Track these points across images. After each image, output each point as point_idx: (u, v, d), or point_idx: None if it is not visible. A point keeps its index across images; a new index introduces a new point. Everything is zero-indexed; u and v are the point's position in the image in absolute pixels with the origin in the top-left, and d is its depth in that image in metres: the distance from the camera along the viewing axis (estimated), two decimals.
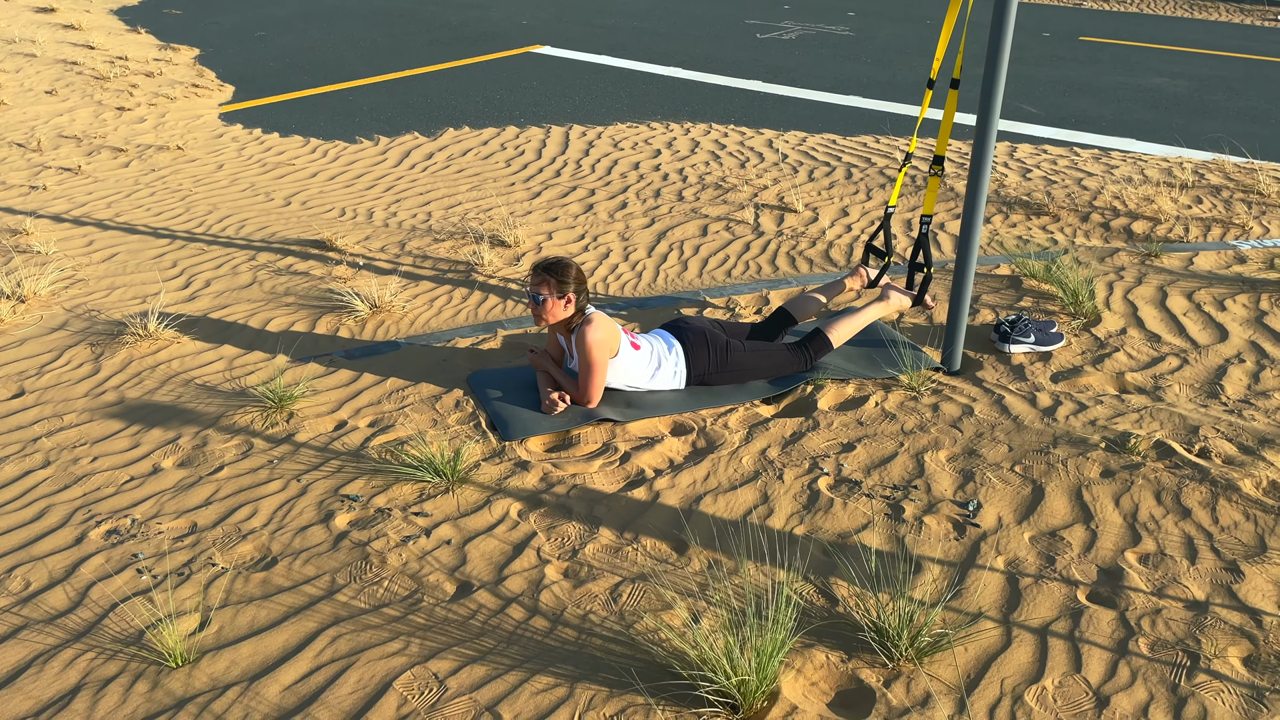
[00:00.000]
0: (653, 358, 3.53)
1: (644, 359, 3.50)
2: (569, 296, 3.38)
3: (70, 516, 2.93)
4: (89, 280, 4.63)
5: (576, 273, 3.39)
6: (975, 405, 3.43)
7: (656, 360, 3.53)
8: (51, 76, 8.53)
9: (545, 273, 3.37)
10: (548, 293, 3.37)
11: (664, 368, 3.53)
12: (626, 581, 2.62)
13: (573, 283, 3.37)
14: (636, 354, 3.48)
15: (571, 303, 3.39)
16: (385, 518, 2.90)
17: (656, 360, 3.53)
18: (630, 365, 3.48)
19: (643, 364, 3.50)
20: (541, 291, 3.38)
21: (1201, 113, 7.56)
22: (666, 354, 3.55)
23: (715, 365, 3.56)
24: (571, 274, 3.37)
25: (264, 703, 2.24)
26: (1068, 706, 2.19)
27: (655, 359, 3.53)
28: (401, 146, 6.77)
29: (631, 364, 3.48)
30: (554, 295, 3.37)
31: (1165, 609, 2.47)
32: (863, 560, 2.68)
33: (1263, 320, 4.04)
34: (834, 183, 5.96)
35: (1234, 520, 2.78)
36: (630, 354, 3.47)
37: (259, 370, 3.79)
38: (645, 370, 3.51)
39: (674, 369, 3.55)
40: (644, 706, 2.21)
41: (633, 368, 3.48)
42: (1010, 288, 4.42)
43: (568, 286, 3.36)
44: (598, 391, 3.42)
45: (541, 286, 3.38)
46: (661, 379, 3.54)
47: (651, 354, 3.53)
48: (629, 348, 3.47)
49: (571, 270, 3.38)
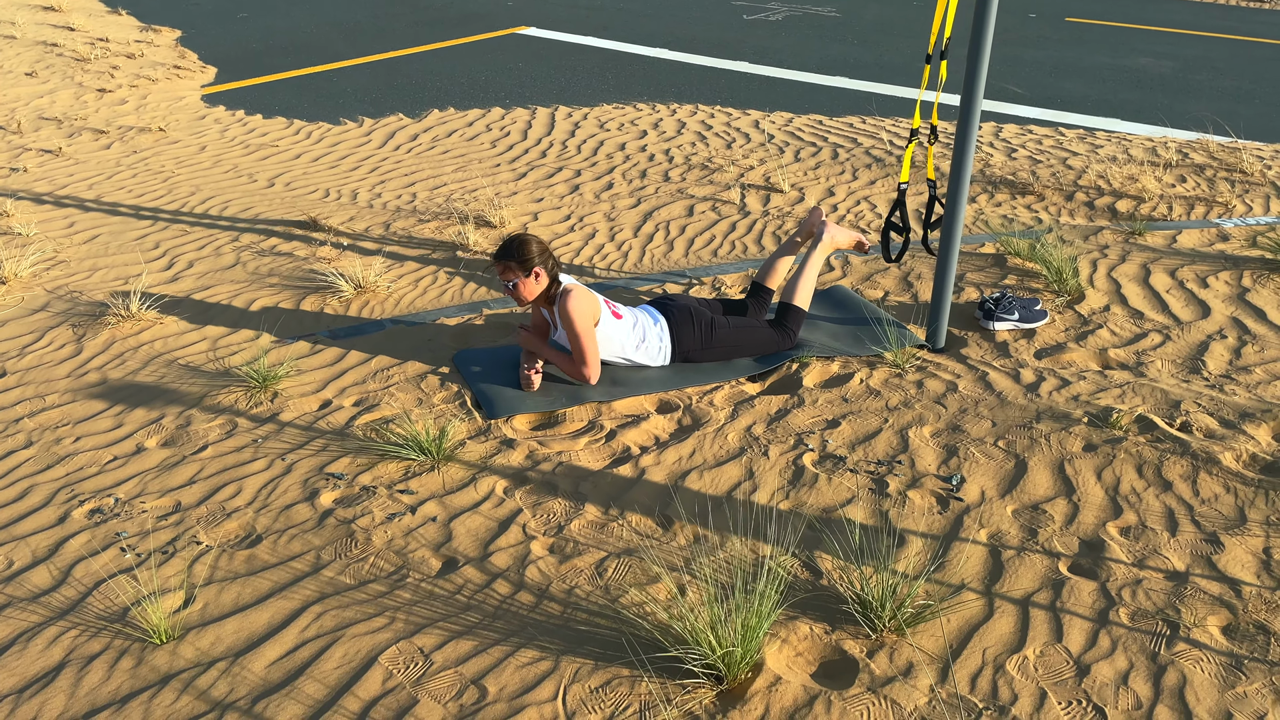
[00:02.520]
0: (636, 328, 3.52)
1: (627, 328, 3.50)
2: (536, 271, 3.36)
3: (53, 496, 2.92)
4: (70, 262, 4.59)
5: (536, 245, 3.36)
6: (959, 382, 3.44)
7: (641, 332, 3.53)
8: (31, 58, 8.44)
9: (506, 259, 3.36)
10: (515, 276, 3.36)
11: (649, 341, 3.53)
12: (612, 556, 2.63)
13: (536, 256, 3.35)
14: (619, 323, 3.48)
15: (542, 275, 3.38)
16: (370, 495, 2.89)
17: (641, 332, 3.53)
18: (613, 335, 3.47)
19: (626, 333, 3.49)
20: (509, 277, 3.37)
21: (1186, 93, 7.58)
22: (651, 327, 3.55)
23: (701, 342, 3.56)
24: (531, 249, 3.35)
25: (249, 677, 2.24)
26: (1049, 675, 2.21)
27: (640, 331, 3.53)
28: (386, 128, 6.73)
29: (614, 333, 3.47)
30: (522, 275, 3.36)
31: (1146, 580, 2.49)
32: (847, 534, 2.69)
33: (1245, 297, 4.07)
34: (820, 163, 5.95)
35: (1214, 493, 2.80)
36: (612, 322, 3.46)
37: (243, 350, 3.77)
38: (630, 340, 3.50)
39: (659, 344, 3.55)
40: (629, 678, 2.22)
41: (615, 337, 3.48)
42: (995, 266, 4.44)
43: (532, 263, 3.35)
44: (594, 359, 3.40)
45: (507, 273, 3.37)
46: (647, 353, 3.54)
47: (635, 324, 3.52)
48: (610, 316, 3.46)
49: (530, 245, 3.35)
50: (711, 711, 2.13)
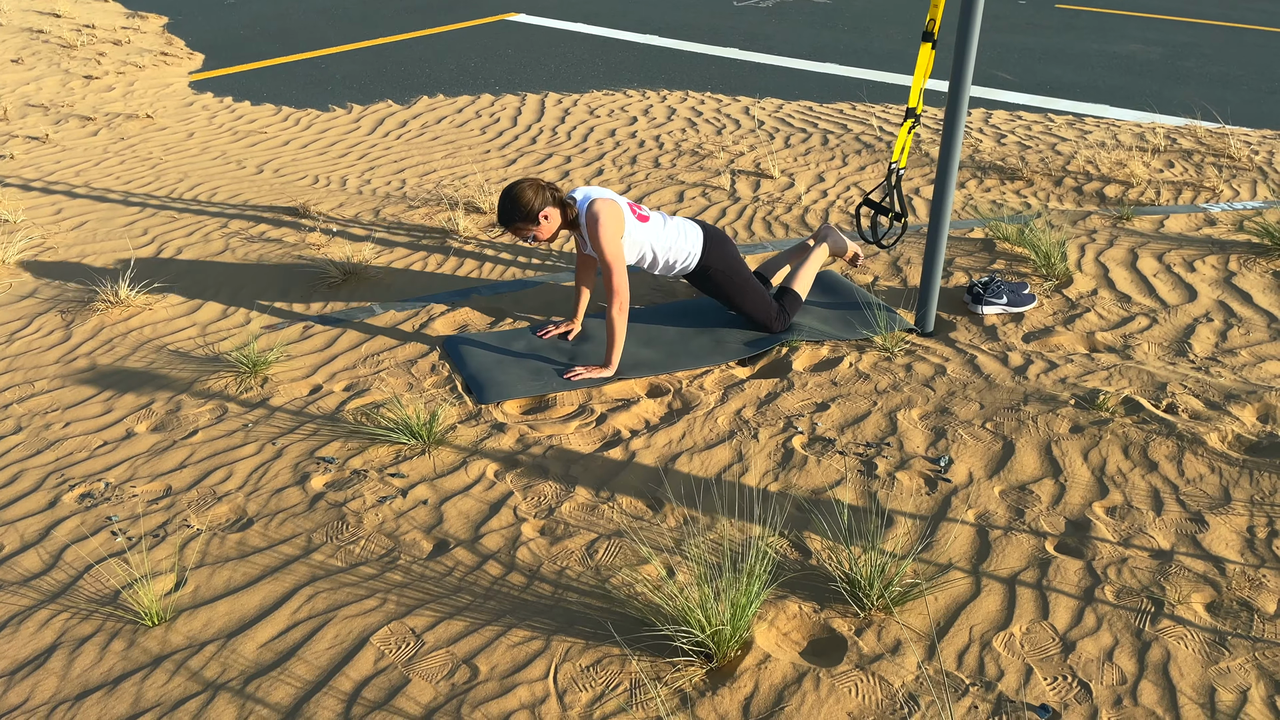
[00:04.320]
0: (667, 227, 3.52)
1: (656, 228, 3.49)
2: (545, 213, 3.37)
3: (43, 481, 2.92)
4: (59, 248, 4.57)
5: (531, 191, 3.34)
6: (948, 365, 3.46)
7: (672, 234, 3.52)
8: (17, 45, 8.37)
9: (510, 222, 3.37)
10: (528, 230, 3.38)
11: (678, 247, 3.53)
12: (603, 538, 2.64)
13: (536, 200, 3.34)
14: (645, 226, 3.47)
15: (551, 215, 3.39)
16: (361, 479, 2.90)
17: (672, 234, 3.52)
18: (643, 239, 3.47)
19: (656, 233, 3.49)
20: (524, 234, 3.40)
21: (1174, 79, 7.60)
22: (689, 230, 3.56)
23: (726, 265, 3.59)
24: (528, 197, 3.33)
25: (241, 658, 2.25)
26: (1034, 651, 2.23)
27: (671, 230, 3.53)
28: (375, 114, 6.70)
29: (641, 237, 3.46)
30: (533, 225, 3.37)
31: (1131, 558, 2.51)
32: (836, 515, 2.71)
33: (1231, 281, 4.10)
34: (810, 149, 5.96)
35: (1199, 473, 2.83)
36: (639, 227, 3.46)
37: (232, 336, 3.76)
38: (662, 240, 3.50)
39: (690, 249, 3.56)
40: (619, 657, 2.23)
41: (645, 240, 3.48)
42: (983, 251, 4.45)
43: (536, 210, 3.34)
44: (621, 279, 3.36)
45: (520, 231, 3.39)
46: (679, 252, 3.55)
47: (665, 225, 3.52)
48: (635, 221, 3.45)
49: (525, 194, 3.33)
50: (701, 689, 2.15)
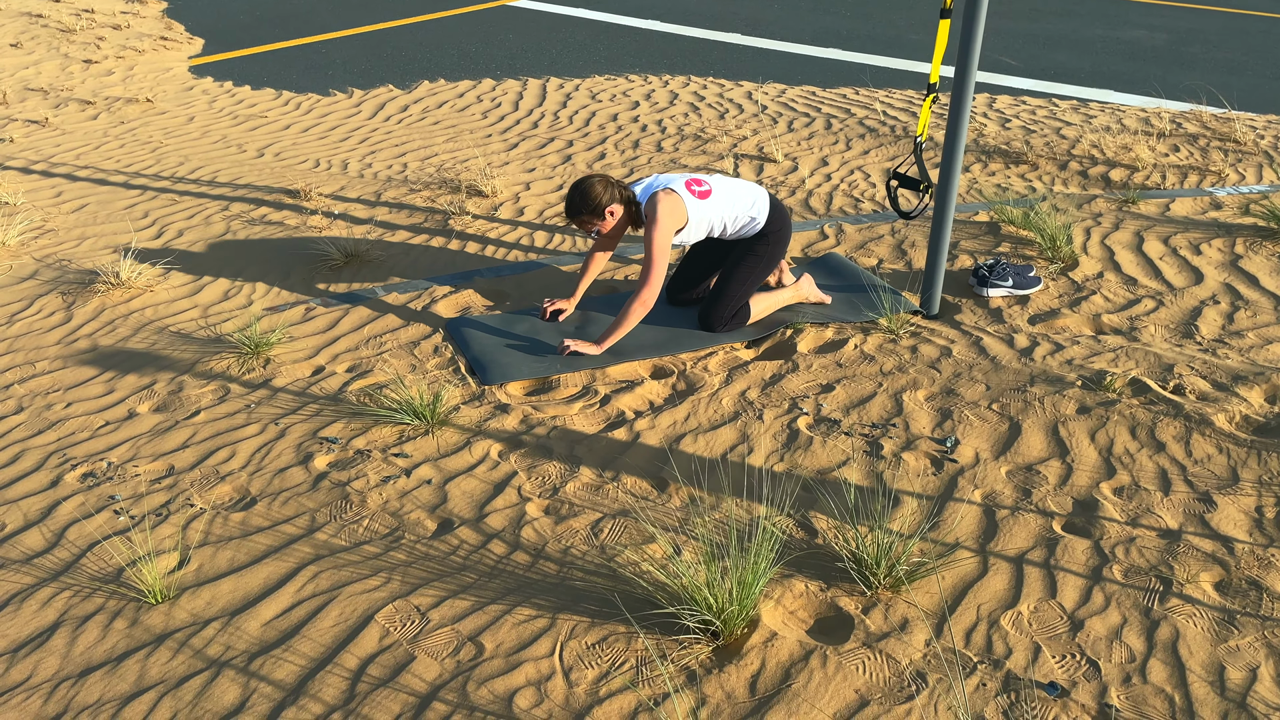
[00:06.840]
0: (731, 194, 3.48)
1: (719, 200, 3.45)
2: (610, 209, 3.36)
3: (45, 460, 2.90)
4: (59, 230, 4.55)
5: (600, 185, 3.33)
6: (953, 347, 3.44)
7: (736, 200, 3.48)
8: (16, 29, 8.33)
9: (577, 214, 3.37)
10: (594, 224, 3.38)
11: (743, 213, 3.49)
12: (608, 518, 2.63)
13: (604, 196, 3.33)
14: (707, 201, 3.43)
15: (616, 211, 3.38)
16: (365, 459, 2.89)
17: (736, 200, 3.48)
18: (710, 214, 3.44)
19: (724, 201, 3.45)
20: (589, 227, 3.40)
21: (1180, 64, 7.56)
22: (756, 200, 3.51)
23: (778, 234, 3.56)
24: (596, 192, 3.33)
25: (245, 636, 2.24)
26: (1042, 630, 2.22)
27: (740, 194, 3.49)
28: (376, 99, 6.67)
29: (705, 213, 3.43)
30: (598, 219, 3.37)
31: (1139, 538, 2.50)
32: (842, 495, 2.70)
33: (1237, 263, 4.07)
34: (813, 133, 5.93)
35: (1207, 453, 2.81)
36: (700, 205, 3.41)
37: (234, 318, 3.75)
38: (731, 209, 3.46)
39: (751, 215, 3.52)
40: (625, 635, 2.22)
41: (707, 216, 3.44)
42: (989, 234, 4.43)
43: (603, 206, 3.34)
44: (659, 275, 3.35)
45: (587, 225, 3.39)
46: (739, 220, 3.50)
47: (730, 192, 3.48)
48: (697, 202, 3.41)
49: (595, 189, 3.33)
50: (708, 666, 2.14)
